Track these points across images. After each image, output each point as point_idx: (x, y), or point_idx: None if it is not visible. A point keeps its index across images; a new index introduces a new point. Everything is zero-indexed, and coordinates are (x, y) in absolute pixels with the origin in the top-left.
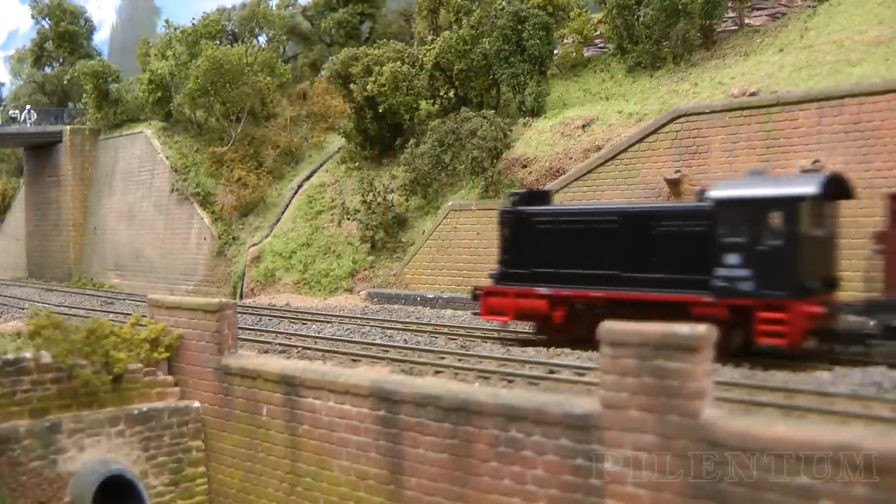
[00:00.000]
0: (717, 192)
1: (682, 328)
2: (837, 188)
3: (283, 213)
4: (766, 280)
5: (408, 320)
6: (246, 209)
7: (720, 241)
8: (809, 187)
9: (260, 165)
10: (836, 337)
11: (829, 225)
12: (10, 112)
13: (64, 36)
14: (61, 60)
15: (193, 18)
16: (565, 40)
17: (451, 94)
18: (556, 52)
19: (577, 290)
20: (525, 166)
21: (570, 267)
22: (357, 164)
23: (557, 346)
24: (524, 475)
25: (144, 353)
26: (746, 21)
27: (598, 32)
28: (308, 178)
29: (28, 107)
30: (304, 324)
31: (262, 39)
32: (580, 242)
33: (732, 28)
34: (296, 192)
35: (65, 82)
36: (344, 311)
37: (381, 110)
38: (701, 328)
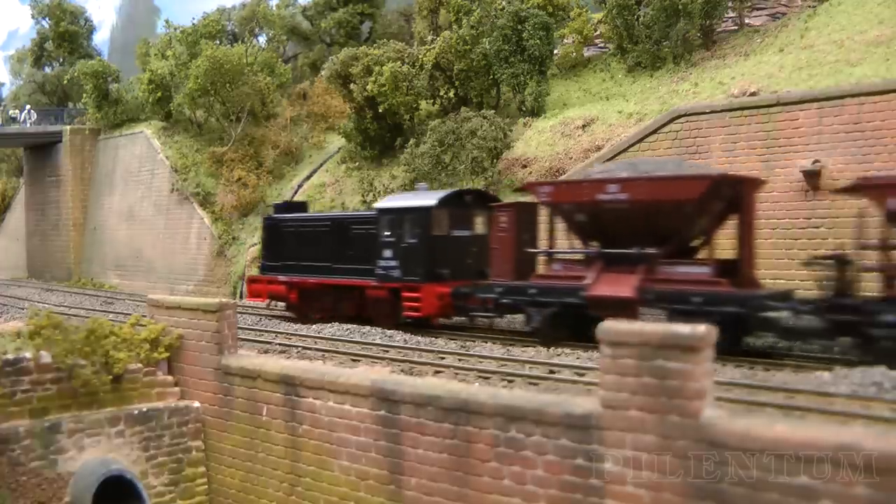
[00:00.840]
0: (378, 204)
1: (683, 328)
2: (476, 200)
3: None
4: (407, 268)
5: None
6: (246, 209)
7: (380, 240)
8: (431, 200)
9: (260, 165)
10: (469, 310)
11: (476, 228)
12: (10, 112)
13: (64, 36)
14: (61, 60)
15: (193, 18)
16: (565, 40)
17: (451, 94)
18: (556, 52)
19: (304, 277)
20: (525, 166)
21: (302, 260)
22: (357, 164)
23: (308, 321)
24: (524, 475)
25: (144, 353)
26: (746, 21)
27: (598, 32)
28: (308, 178)
29: (28, 107)
30: (303, 324)
31: (262, 39)
32: (308, 242)
33: (732, 28)
34: (296, 192)
35: (65, 82)
36: None
37: (381, 110)
38: (701, 328)
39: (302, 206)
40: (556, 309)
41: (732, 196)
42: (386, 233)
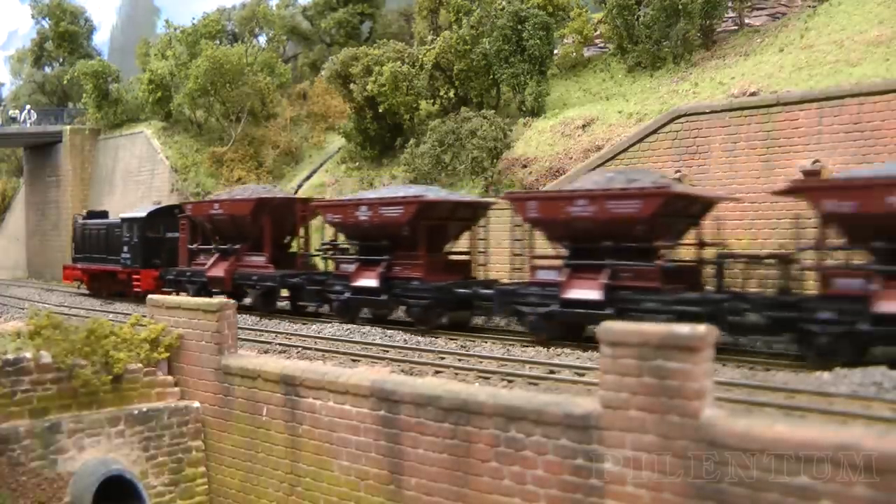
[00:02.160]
0: (122, 214)
1: (683, 328)
2: (179, 210)
3: None
4: (134, 259)
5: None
6: None
7: (122, 239)
8: (143, 212)
9: (260, 165)
10: (170, 284)
11: (177, 231)
12: (10, 112)
13: (64, 36)
14: (61, 60)
15: (193, 18)
16: (565, 40)
17: (451, 94)
18: (556, 52)
19: (91, 265)
20: (525, 166)
21: (94, 253)
22: (357, 164)
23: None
24: (524, 475)
25: (144, 353)
26: (746, 21)
27: (598, 32)
28: (308, 178)
29: (28, 107)
30: (304, 324)
31: (262, 39)
32: (95, 240)
33: (732, 28)
34: (296, 193)
35: (65, 82)
36: None
37: (381, 110)
38: (701, 328)
39: (103, 214)
40: (198, 286)
41: (289, 212)
42: (126, 234)
